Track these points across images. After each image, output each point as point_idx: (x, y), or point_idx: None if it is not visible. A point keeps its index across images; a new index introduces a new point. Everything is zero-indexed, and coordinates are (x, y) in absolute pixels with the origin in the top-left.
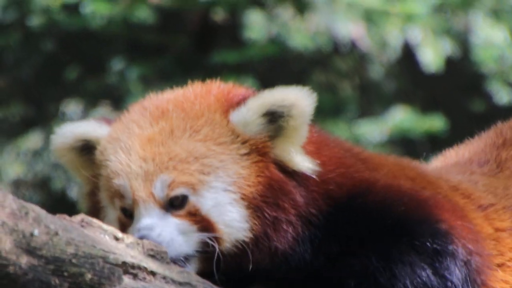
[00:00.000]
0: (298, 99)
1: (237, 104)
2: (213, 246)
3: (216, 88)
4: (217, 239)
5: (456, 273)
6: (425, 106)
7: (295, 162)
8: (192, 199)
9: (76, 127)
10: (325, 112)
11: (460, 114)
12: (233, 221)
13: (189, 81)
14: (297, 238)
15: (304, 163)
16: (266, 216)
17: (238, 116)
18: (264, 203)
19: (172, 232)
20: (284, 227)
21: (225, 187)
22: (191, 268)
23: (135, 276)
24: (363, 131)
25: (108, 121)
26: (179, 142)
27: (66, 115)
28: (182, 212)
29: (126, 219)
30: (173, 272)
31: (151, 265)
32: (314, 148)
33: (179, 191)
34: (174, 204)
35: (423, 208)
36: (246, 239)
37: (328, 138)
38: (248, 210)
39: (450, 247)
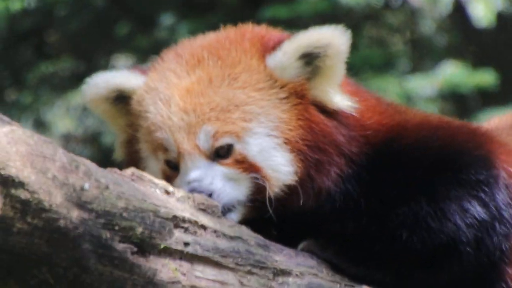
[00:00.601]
0: (333, 38)
1: (272, 48)
2: (263, 190)
3: (249, 32)
4: (266, 182)
5: (501, 198)
6: (476, 61)
7: (334, 101)
8: (238, 147)
9: (109, 77)
10: (376, 67)
11: (511, 69)
12: (279, 165)
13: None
14: (342, 175)
15: (343, 101)
16: (309, 159)
17: (275, 60)
18: (306, 146)
19: (221, 181)
20: (327, 167)
21: (268, 132)
22: (241, 215)
23: (185, 230)
24: (414, 86)
25: (142, 71)
26: (219, 91)
27: (117, 70)
28: (229, 160)
29: (171, 171)
30: (224, 226)
31: (202, 219)
32: (352, 93)
33: (224, 140)
34: (220, 154)
35: (458, 138)
36: (293, 182)
37: (361, 87)
38: (291, 154)
39: (492, 172)
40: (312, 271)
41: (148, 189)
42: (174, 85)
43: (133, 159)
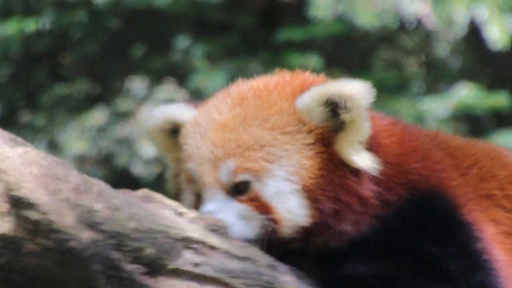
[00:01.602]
0: (355, 91)
1: (303, 91)
2: (273, 231)
3: (297, 77)
4: (277, 224)
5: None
6: (491, 83)
7: (355, 160)
8: (255, 186)
9: (166, 109)
10: (390, 88)
11: None
12: (292, 209)
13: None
14: (364, 226)
15: (365, 162)
16: (326, 208)
17: (302, 102)
18: (324, 196)
19: (234, 217)
20: (346, 215)
21: (287, 176)
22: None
23: (196, 250)
24: (428, 108)
25: (197, 105)
26: (248, 129)
27: (131, 92)
28: (244, 197)
29: (199, 204)
30: (235, 246)
31: (212, 240)
32: (396, 139)
33: (242, 177)
34: (239, 190)
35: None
36: (306, 225)
37: (414, 129)
38: (307, 200)
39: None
40: None
41: (160, 210)
42: (214, 120)
43: (178, 192)
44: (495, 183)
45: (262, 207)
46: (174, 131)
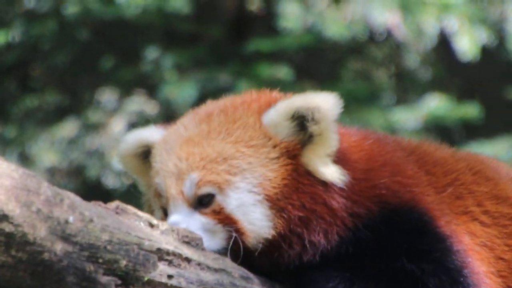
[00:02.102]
0: (322, 103)
1: (269, 106)
2: (239, 242)
3: (265, 95)
4: (242, 236)
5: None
6: (461, 94)
7: (322, 172)
8: (218, 198)
9: (138, 133)
10: (361, 99)
11: (495, 102)
12: (255, 220)
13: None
14: (338, 233)
15: (332, 174)
16: (291, 217)
17: (268, 117)
18: (289, 204)
19: (197, 229)
20: (315, 224)
21: (250, 189)
22: None
23: (170, 262)
24: (398, 118)
25: (166, 126)
26: (212, 143)
27: (101, 104)
28: (208, 210)
29: (166, 218)
30: (208, 258)
31: (186, 251)
32: (364, 154)
33: (205, 189)
34: (202, 203)
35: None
36: (269, 236)
37: (388, 143)
38: (271, 210)
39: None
40: None
41: (133, 222)
42: (180, 136)
43: (151, 214)
44: (472, 200)
45: (226, 220)
46: (146, 155)
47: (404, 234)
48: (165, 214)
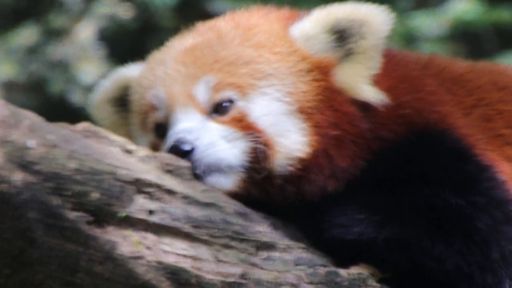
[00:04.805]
0: (372, 16)
1: (293, 17)
2: (264, 159)
3: (280, 9)
4: (269, 149)
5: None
6: None
7: (359, 92)
8: (240, 104)
9: (115, 74)
10: (374, 2)
11: None
12: (287, 133)
13: None
14: (361, 163)
15: (370, 94)
16: (327, 133)
17: (299, 28)
18: (324, 120)
19: (217, 137)
20: (347, 146)
21: (279, 97)
22: (233, 184)
23: (150, 195)
24: (418, 24)
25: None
26: (227, 46)
27: (65, 6)
28: (226, 118)
29: (159, 139)
30: (196, 191)
31: (170, 182)
32: (385, 68)
33: (225, 94)
34: (218, 111)
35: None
36: (303, 155)
37: (398, 55)
38: (306, 124)
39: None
40: (301, 244)
41: (105, 147)
42: (174, 48)
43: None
44: (502, 121)
45: (248, 129)
46: (123, 103)
47: (440, 161)
48: (159, 135)
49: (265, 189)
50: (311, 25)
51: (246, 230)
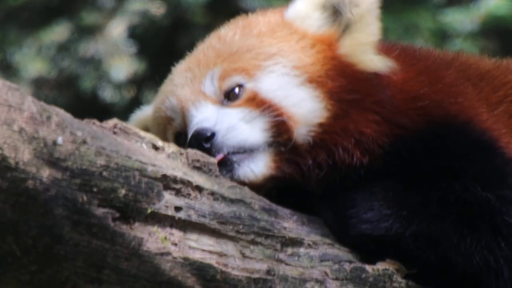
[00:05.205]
0: None
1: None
2: (286, 130)
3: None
4: (288, 120)
5: None
6: None
7: (364, 62)
8: (249, 86)
9: (131, 122)
10: (407, 1)
11: None
12: (302, 102)
13: None
14: (385, 138)
15: (376, 63)
16: (343, 98)
17: (293, 10)
18: (338, 87)
19: (236, 119)
20: (369, 112)
21: (286, 72)
22: (266, 167)
23: (177, 191)
24: (450, 21)
25: None
26: (228, 43)
27: (97, 2)
28: (240, 101)
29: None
30: (223, 187)
31: (197, 178)
32: (402, 62)
33: (232, 80)
34: (230, 97)
35: None
36: (322, 120)
37: (415, 52)
38: (318, 91)
39: None
40: (327, 240)
41: (133, 144)
42: (182, 63)
43: None
44: None
45: (263, 105)
46: None
47: (466, 154)
48: (180, 144)
49: (296, 162)
50: (304, 4)
51: (272, 226)
